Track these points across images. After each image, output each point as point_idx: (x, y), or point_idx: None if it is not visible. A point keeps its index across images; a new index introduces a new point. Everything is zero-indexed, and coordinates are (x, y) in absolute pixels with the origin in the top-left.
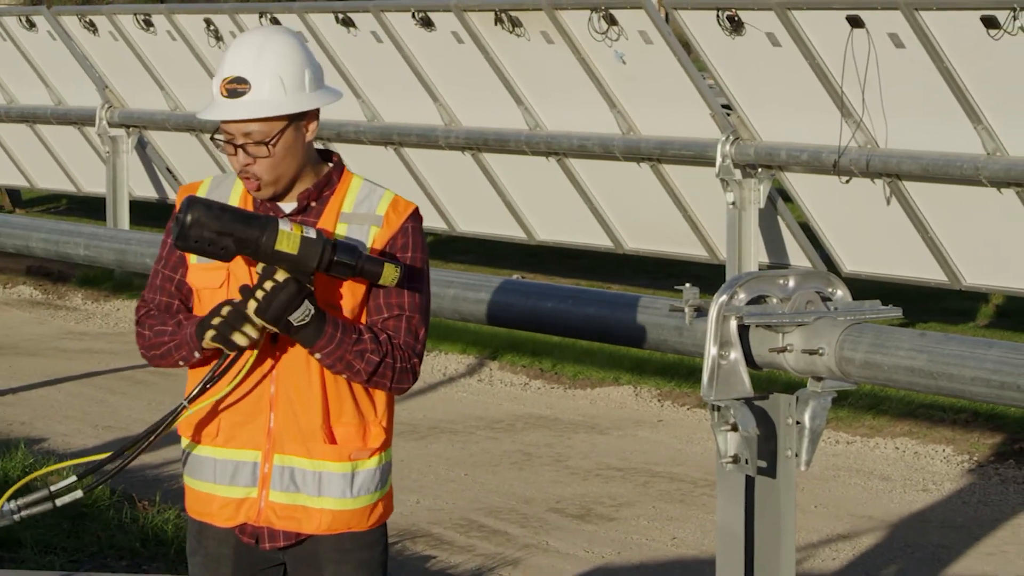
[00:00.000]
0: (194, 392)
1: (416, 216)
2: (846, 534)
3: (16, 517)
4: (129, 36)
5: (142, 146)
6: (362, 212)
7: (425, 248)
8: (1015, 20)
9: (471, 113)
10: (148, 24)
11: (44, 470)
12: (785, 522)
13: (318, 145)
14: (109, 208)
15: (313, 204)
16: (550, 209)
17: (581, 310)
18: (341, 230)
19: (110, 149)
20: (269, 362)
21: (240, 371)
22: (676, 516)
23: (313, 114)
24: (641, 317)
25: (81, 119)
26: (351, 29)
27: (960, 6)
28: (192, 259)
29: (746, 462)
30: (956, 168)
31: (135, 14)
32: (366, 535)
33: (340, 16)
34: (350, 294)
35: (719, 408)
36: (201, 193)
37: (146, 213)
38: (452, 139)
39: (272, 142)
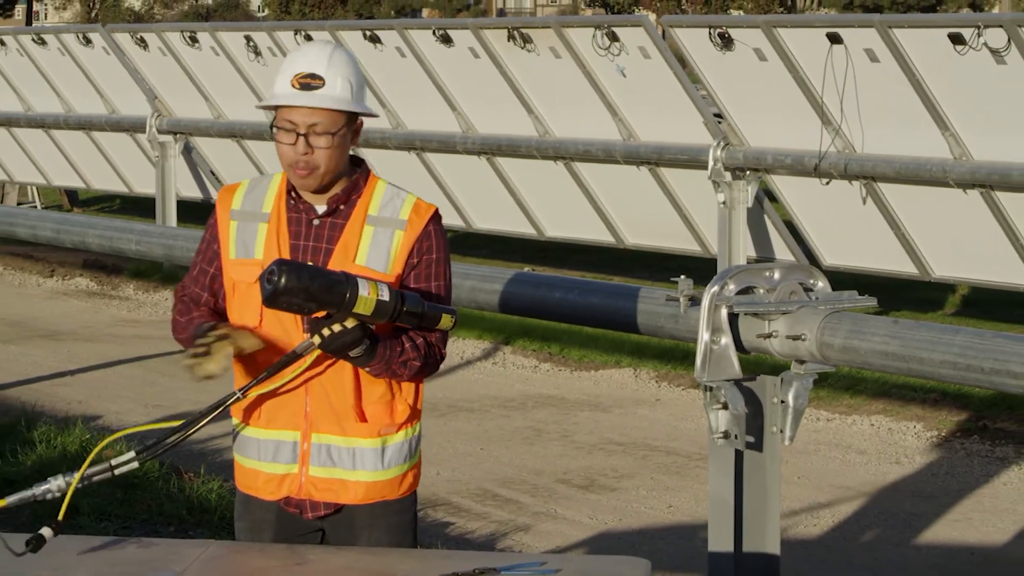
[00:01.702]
0: (249, 384)
1: (437, 217)
2: (826, 503)
3: (78, 486)
4: (176, 51)
5: (188, 151)
6: (387, 216)
7: (447, 247)
8: (979, 37)
9: (486, 121)
10: (194, 40)
11: (111, 437)
12: (771, 492)
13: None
14: (158, 207)
15: (342, 207)
16: (558, 208)
17: (586, 300)
18: (367, 232)
19: (159, 154)
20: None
21: (297, 369)
22: (672, 486)
23: (360, 122)
24: (640, 306)
25: (133, 127)
26: (377, 45)
27: (929, 24)
28: (231, 253)
29: (735, 437)
30: (926, 171)
31: (182, 31)
32: (398, 502)
33: (367, 33)
34: None
35: (711, 388)
36: (240, 193)
37: (191, 212)
38: (469, 145)
39: (337, 135)
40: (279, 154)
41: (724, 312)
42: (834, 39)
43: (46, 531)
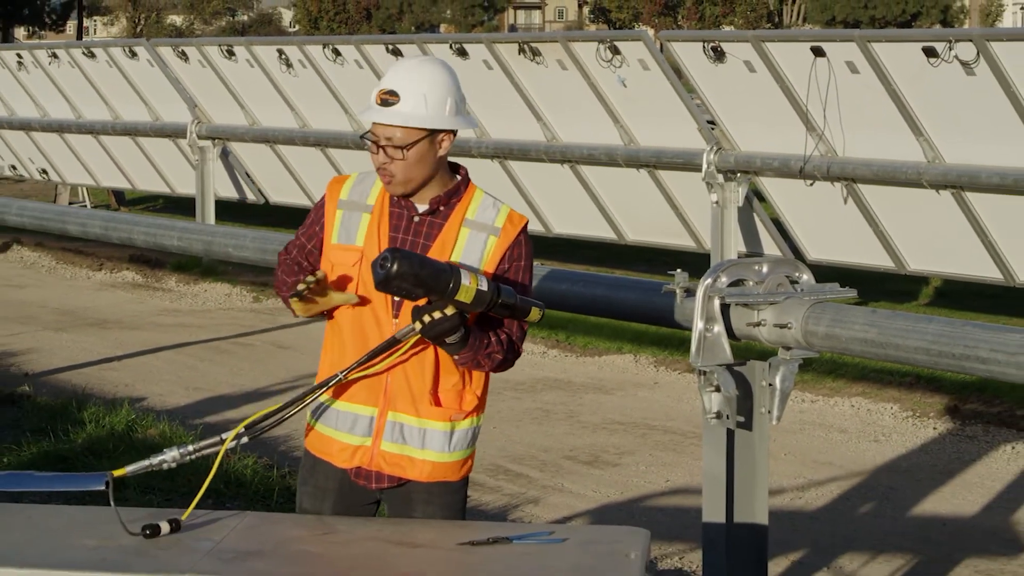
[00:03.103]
0: (352, 366)
1: (526, 228)
2: (810, 477)
3: (191, 450)
4: (215, 63)
5: (225, 155)
6: (482, 221)
7: (532, 255)
8: (951, 51)
9: (499, 127)
10: (230, 53)
11: (252, 418)
12: (759, 467)
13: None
14: (198, 206)
15: (442, 208)
16: (564, 207)
17: (590, 291)
18: (463, 234)
19: (198, 157)
20: (391, 331)
21: (396, 354)
22: (669, 462)
23: (449, 133)
24: (640, 297)
25: (174, 132)
26: (399, 58)
27: (905, 39)
28: (333, 239)
29: (727, 418)
30: (901, 173)
31: (220, 45)
32: (455, 483)
33: (390, 47)
34: None
35: (705, 373)
36: (348, 185)
37: (228, 210)
38: (483, 149)
39: (407, 147)
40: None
41: (717, 302)
42: (817, 52)
43: (164, 525)
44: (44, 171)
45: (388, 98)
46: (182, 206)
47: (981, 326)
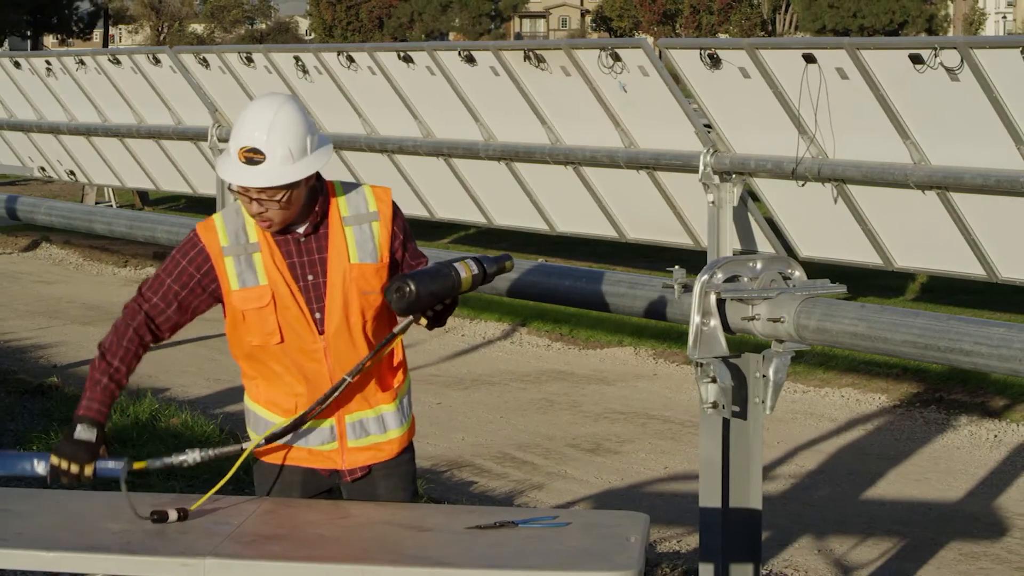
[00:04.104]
0: (357, 368)
1: (392, 200)
2: (802, 464)
3: (212, 454)
4: (234, 70)
5: None
6: (357, 213)
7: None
8: (936, 57)
9: (505, 131)
10: (249, 60)
11: (270, 431)
12: (754, 455)
13: (383, 158)
14: (218, 206)
15: (320, 220)
16: (567, 207)
17: (592, 287)
18: (349, 233)
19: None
20: (321, 350)
21: (392, 346)
22: (668, 450)
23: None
24: (640, 292)
25: (196, 136)
26: (410, 64)
27: (892, 46)
28: (233, 285)
29: (723, 407)
30: (889, 175)
31: (239, 52)
32: (406, 451)
33: (401, 54)
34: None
35: (702, 364)
36: (220, 231)
37: None
38: (490, 152)
39: (283, 199)
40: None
41: (713, 298)
42: (809, 59)
43: (172, 514)
44: (72, 172)
45: (252, 156)
46: (203, 206)
47: (965, 320)
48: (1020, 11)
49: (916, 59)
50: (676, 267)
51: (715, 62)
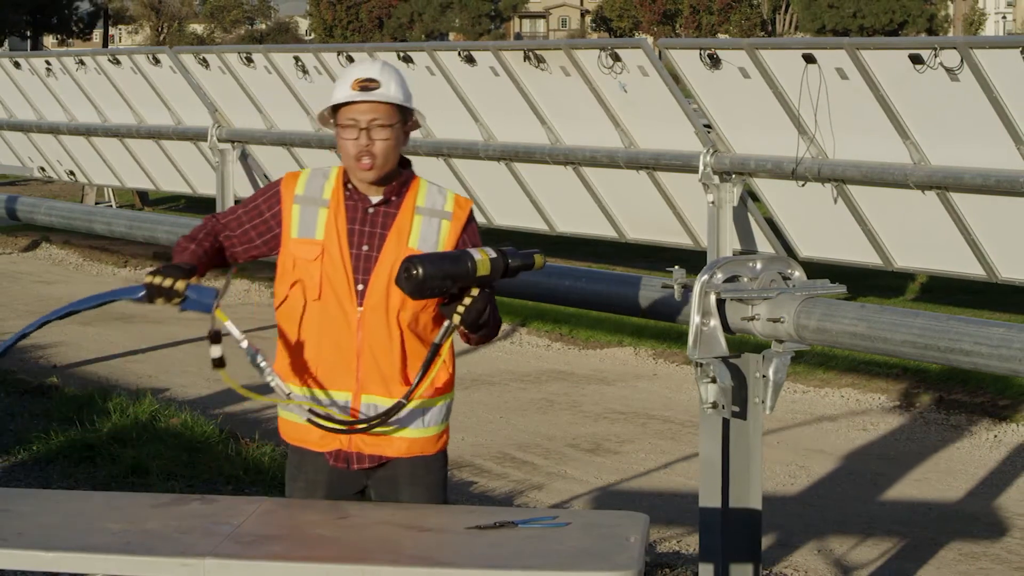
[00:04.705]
0: (412, 388)
1: (471, 210)
2: (802, 464)
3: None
4: (234, 70)
5: (244, 157)
6: (432, 207)
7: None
8: (936, 58)
9: (505, 131)
10: (249, 60)
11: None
12: (753, 455)
13: None
14: (218, 206)
15: (394, 198)
16: (567, 207)
17: (592, 287)
18: (417, 221)
19: (219, 160)
20: (356, 320)
21: (442, 357)
22: (667, 450)
23: (410, 125)
24: (640, 292)
25: (196, 136)
26: (410, 64)
27: (892, 46)
28: (292, 232)
29: (723, 407)
30: (889, 175)
31: (239, 52)
32: (434, 459)
33: (401, 54)
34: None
35: (702, 365)
36: (302, 181)
37: None
38: (490, 151)
39: (394, 126)
40: (342, 150)
41: (713, 298)
42: (809, 59)
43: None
44: (72, 172)
45: (369, 84)
46: (203, 206)
47: (965, 320)
48: (1020, 11)
49: (916, 59)
50: (676, 267)
51: (715, 62)
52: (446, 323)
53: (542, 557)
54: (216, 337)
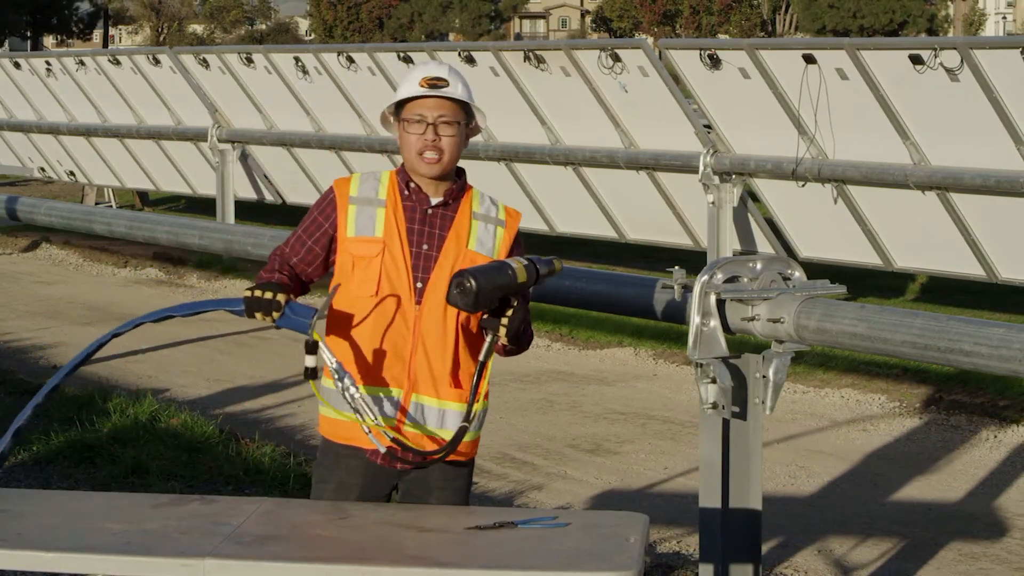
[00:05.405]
0: (472, 398)
1: (520, 217)
2: (802, 465)
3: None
4: (234, 70)
5: (244, 158)
6: (487, 214)
7: None
8: (936, 58)
9: (505, 131)
10: (249, 61)
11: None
12: (753, 455)
13: (383, 158)
14: (218, 206)
15: (451, 201)
16: (567, 207)
17: (592, 287)
18: (475, 225)
19: (219, 160)
20: (413, 318)
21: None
22: (667, 451)
23: (472, 127)
24: (640, 293)
25: (196, 136)
26: (410, 65)
27: (892, 47)
28: (350, 232)
29: (723, 408)
30: (889, 175)
31: (239, 53)
32: (464, 466)
33: (401, 54)
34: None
35: (702, 365)
36: (354, 183)
37: (247, 210)
38: (490, 152)
39: (460, 123)
40: (405, 146)
41: (713, 298)
42: (809, 60)
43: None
44: (72, 173)
45: (437, 83)
46: (203, 206)
47: (965, 320)
48: (1020, 11)
49: (916, 59)
50: (676, 267)
51: (715, 62)
52: (488, 338)
53: (542, 557)
54: (312, 348)
